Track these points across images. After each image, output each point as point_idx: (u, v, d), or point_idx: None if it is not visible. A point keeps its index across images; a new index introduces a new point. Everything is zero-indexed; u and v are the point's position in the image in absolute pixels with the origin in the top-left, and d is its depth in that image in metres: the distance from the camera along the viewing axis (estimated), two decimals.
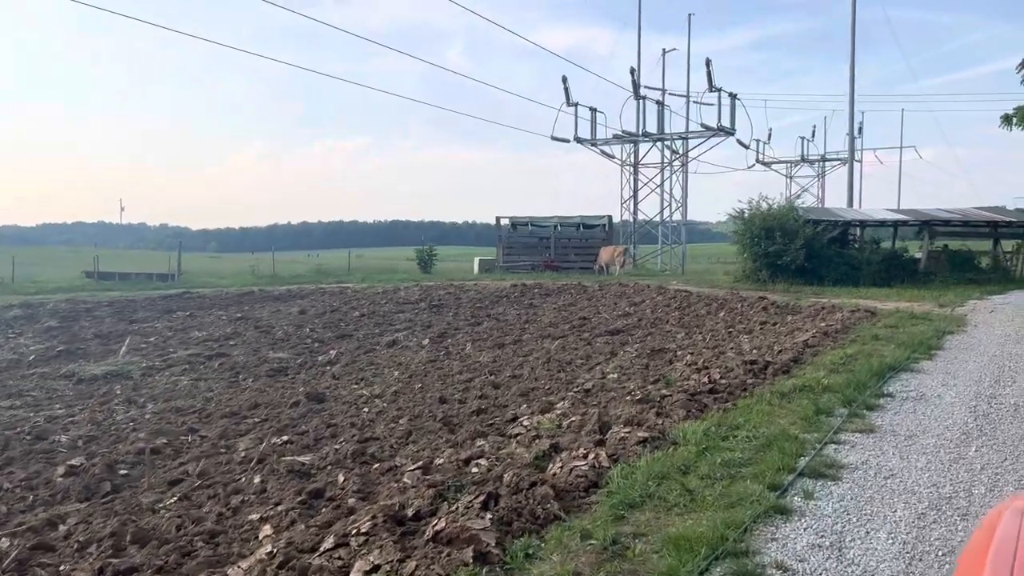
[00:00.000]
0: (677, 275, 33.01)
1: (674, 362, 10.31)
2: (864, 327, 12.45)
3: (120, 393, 8.59)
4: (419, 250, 31.93)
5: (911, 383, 8.26)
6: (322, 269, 31.62)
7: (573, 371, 9.76)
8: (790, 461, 5.50)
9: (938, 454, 5.77)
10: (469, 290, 21.94)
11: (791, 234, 21.79)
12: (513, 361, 10.49)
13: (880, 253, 22.83)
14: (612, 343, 12.00)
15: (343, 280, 27.43)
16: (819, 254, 22.02)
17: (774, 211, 22.75)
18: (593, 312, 16.27)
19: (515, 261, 32.30)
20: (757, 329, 12.91)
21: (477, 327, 13.97)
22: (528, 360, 10.54)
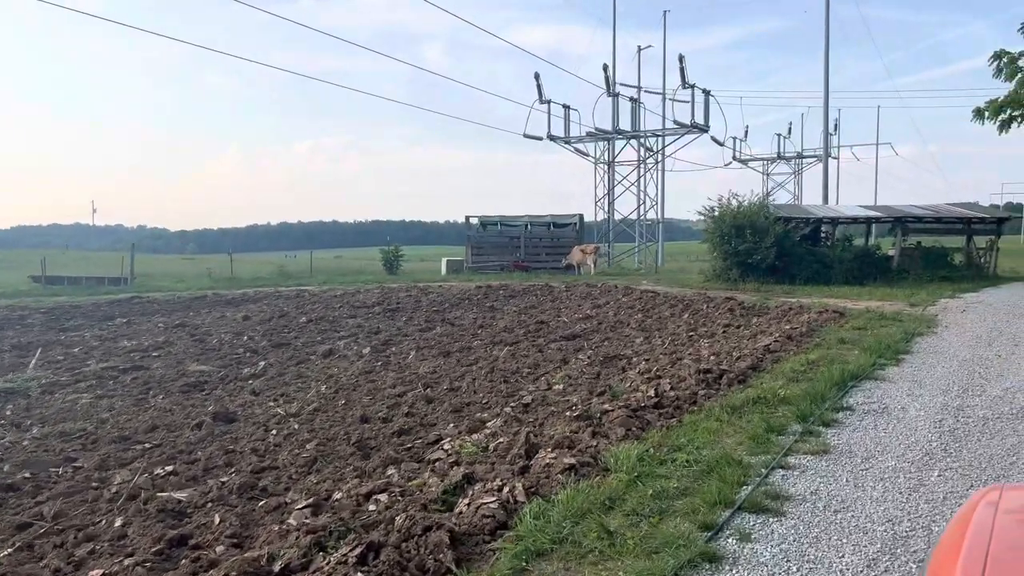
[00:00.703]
0: (650, 274, 32.53)
1: (627, 370, 9.69)
2: (831, 330, 11.94)
3: (10, 414, 7.77)
4: (384, 251, 31.09)
5: (874, 393, 7.67)
6: (284, 271, 30.67)
7: (517, 382, 9.09)
8: (730, 492, 4.85)
9: (897, 480, 5.15)
10: (432, 292, 21.26)
11: (762, 232, 21.33)
12: (455, 371, 9.80)
13: (852, 251, 22.47)
14: (565, 350, 11.37)
15: (303, 282, 26.59)
16: (790, 252, 21.61)
17: (744, 208, 22.26)
18: (553, 315, 15.64)
19: (484, 262, 31.59)
20: (720, 333, 12.35)
21: (427, 333, 13.28)
22: (472, 370, 9.86)
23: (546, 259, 32.05)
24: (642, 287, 22.59)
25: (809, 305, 15.65)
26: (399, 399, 8.27)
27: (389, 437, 6.78)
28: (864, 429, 6.40)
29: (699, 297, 17.33)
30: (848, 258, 21.74)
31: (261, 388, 8.93)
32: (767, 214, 22.00)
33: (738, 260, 21.72)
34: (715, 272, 22.98)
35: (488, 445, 6.37)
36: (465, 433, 6.76)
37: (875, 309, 14.97)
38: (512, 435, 6.58)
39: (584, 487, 4.96)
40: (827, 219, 23.96)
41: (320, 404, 8.00)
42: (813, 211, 24.50)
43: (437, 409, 7.76)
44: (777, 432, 6.23)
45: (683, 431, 6.38)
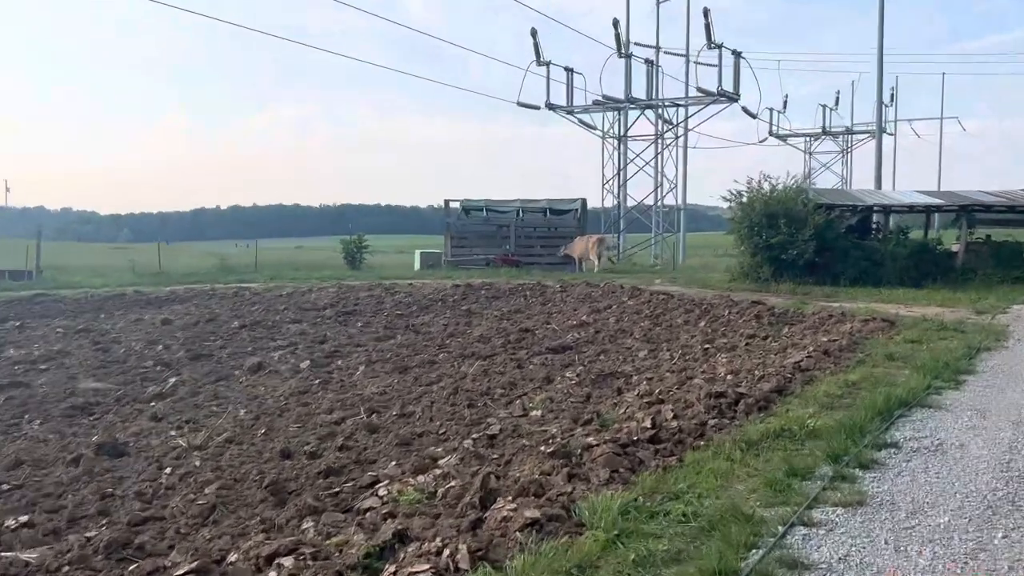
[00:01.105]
0: (667, 271, 32.22)
1: (624, 392, 9.33)
2: (877, 343, 11.62)
3: None
4: (345, 241, 30.65)
5: (926, 426, 7.31)
6: (226, 264, 30.25)
7: (486, 407, 8.72)
8: (734, 559, 4.48)
9: (950, 542, 4.77)
10: (399, 292, 20.89)
11: (798, 222, 20.99)
12: (411, 392, 9.41)
13: (908, 245, 22.18)
14: (551, 365, 11.01)
15: (247, 278, 26.18)
16: (833, 246, 21.31)
17: (778, 193, 21.92)
18: (542, 321, 15.28)
19: (466, 255, 31.19)
20: (742, 345, 12.00)
21: (384, 343, 12.90)
22: (431, 391, 9.48)
23: (541, 252, 31.68)
24: (654, 287, 22.22)
25: (853, 311, 15.31)
26: (335, 428, 7.87)
27: (313, 478, 6.38)
28: (911, 473, 6.02)
29: (721, 300, 16.98)
30: (903, 254, 21.45)
31: (165, 412, 8.53)
32: (805, 200, 21.68)
33: (770, 256, 21.40)
34: (742, 270, 22.68)
35: (436, 490, 5.99)
36: (410, 474, 6.37)
37: (933, 317, 14.66)
38: (470, 475, 6.20)
39: (547, 550, 4.58)
40: (878, 207, 23.66)
41: (234, 433, 7.60)
42: (861, 197, 24.19)
43: (380, 441, 7.37)
44: (801, 476, 5.86)
45: (683, 473, 6.01)
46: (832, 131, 57.08)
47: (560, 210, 32.72)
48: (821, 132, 57.08)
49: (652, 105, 39.98)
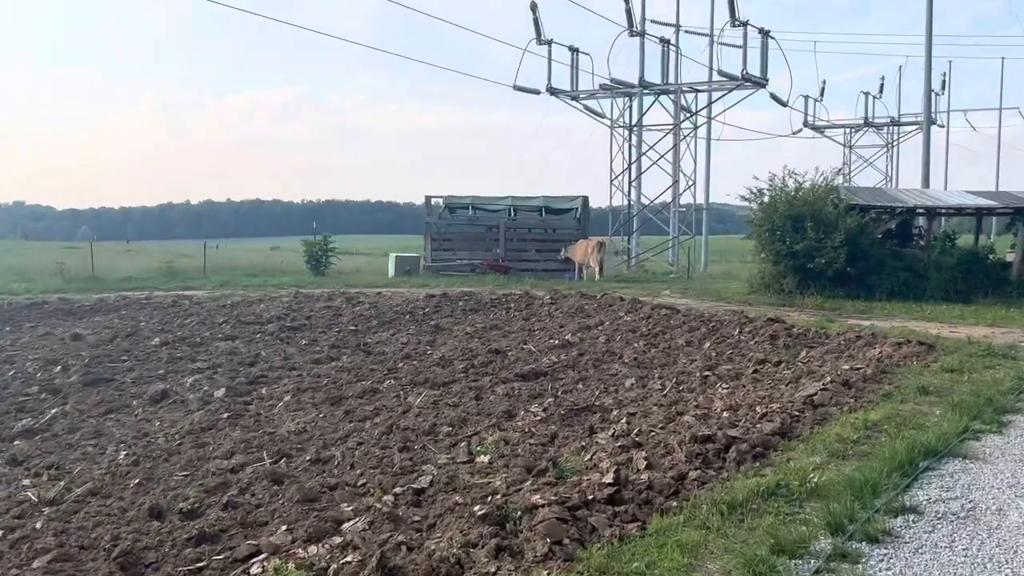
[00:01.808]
0: (681, 279, 31.58)
1: (596, 432, 8.68)
2: (910, 371, 10.99)
3: None
4: (309, 243, 30.04)
5: (957, 483, 6.61)
6: (172, 268, 29.67)
7: (424, 450, 8.07)
8: None
9: None
10: (362, 302, 20.30)
11: (828, 225, 20.47)
12: (337, 430, 8.76)
13: (955, 254, 21.56)
14: (516, 395, 10.37)
15: (194, 285, 25.61)
16: (867, 254, 20.81)
17: (804, 192, 21.33)
18: (519, 340, 14.64)
19: (448, 259, 30.59)
20: (748, 373, 11.36)
21: (325, 365, 12.28)
22: (363, 428, 8.83)
23: (536, 257, 31.08)
24: (659, 300, 21.62)
25: (886, 331, 14.71)
26: (229, 477, 7.20)
27: (181, 546, 5.71)
28: (932, 550, 5.33)
29: (733, 317, 16.34)
30: (949, 264, 20.82)
31: (28, 453, 7.87)
32: (836, 200, 21.13)
33: (794, 264, 20.88)
34: (763, 280, 22.14)
35: (328, 566, 5.31)
36: (302, 542, 5.70)
37: (980, 339, 14.05)
38: (376, 547, 5.53)
39: None
40: (921, 209, 22.99)
41: (101, 484, 6.93)
42: (901, 197, 23.50)
43: (281, 496, 6.70)
44: (790, 554, 5.17)
45: (643, 547, 5.35)
46: (875, 122, 56.27)
47: (558, 209, 32.11)
48: (863, 123, 56.28)
49: (668, 90, 39.37)
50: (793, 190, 21.52)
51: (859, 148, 58.61)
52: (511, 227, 31.31)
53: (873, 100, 55.03)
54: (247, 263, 35.70)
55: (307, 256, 29.82)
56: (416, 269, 29.74)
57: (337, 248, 31.05)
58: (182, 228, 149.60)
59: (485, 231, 31.29)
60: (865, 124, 56.43)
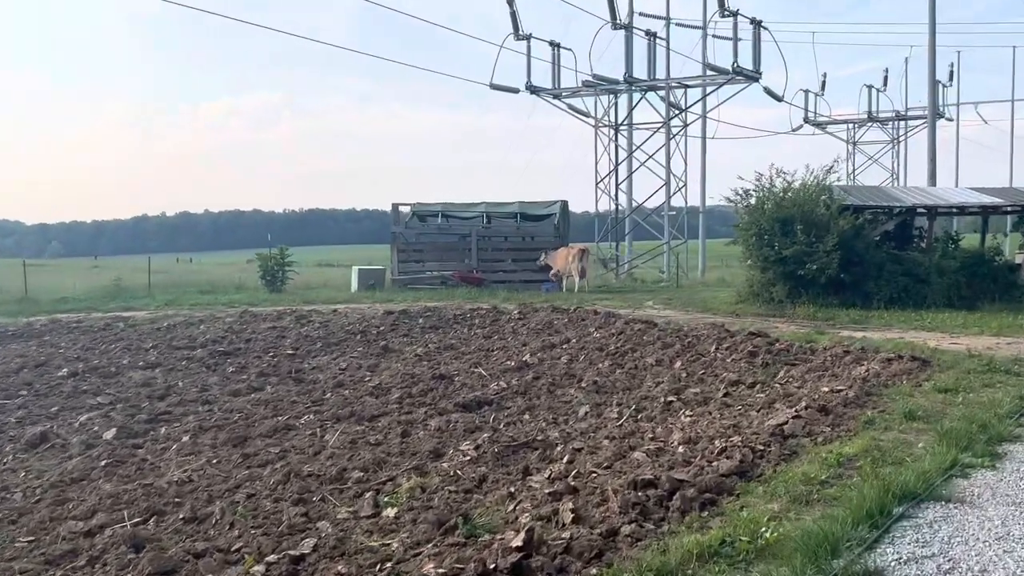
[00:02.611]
0: (667, 289, 30.90)
1: (531, 474, 7.92)
2: (899, 393, 10.31)
3: None
4: (263, 256, 29.26)
5: (936, 535, 5.86)
6: (120, 286, 28.90)
7: (323, 502, 7.33)
8: None
9: None
10: (312, 322, 19.58)
11: (819, 228, 19.93)
12: (229, 478, 8.00)
13: (959, 257, 21.02)
14: (451, 429, 9.64)
15: (137, 304, 24.83)
16: (863, 259, 20.29)
17: (794, 192, 20.71)
18: (472, 363, 13.95)
19: (417, 272, 29.87)
20: (718, 397, 10.66)
21: (242, 398, 11.55)
22: (262, 474, 8.06)
23: (512, 267, 30.38)
24: (639, 312, 20.95)
25: (878, 344, 14.10)
26: (82, 543, 6.41)
27: None
28: None
29: (713, 331, 15.66)
30: (952, 268, 20.27)
31: None
32: (828, 200, 20.51)
33: (784, 271, 20.33)
34: (751, 289, 21.61)
35: None
36: None
37: (983, 351, 13.46)
38: None
39: None
40: (921, 208, 22.31)
41: None
42: (900, 196, 22.97)
43: (132, 568, 5.91)
44: None
45: None
46: (880, 117, 55.59)
47: (536, 215, 31.48)
48: (867, 118, 55.58)
49: (655, 86, 38.79)
50: (781, 190, 20.98)
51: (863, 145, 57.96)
52: (485, 235, 30.66)
53: (877, 94, 54.32)
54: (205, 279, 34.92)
55: (262, 271, 29.04)
56: (381, 283, 29.04)
57: (296, 261, 30.26)
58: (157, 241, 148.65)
59: (457, 240, 30.61)
60: (869, 119, 55.72)
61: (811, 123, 53.84)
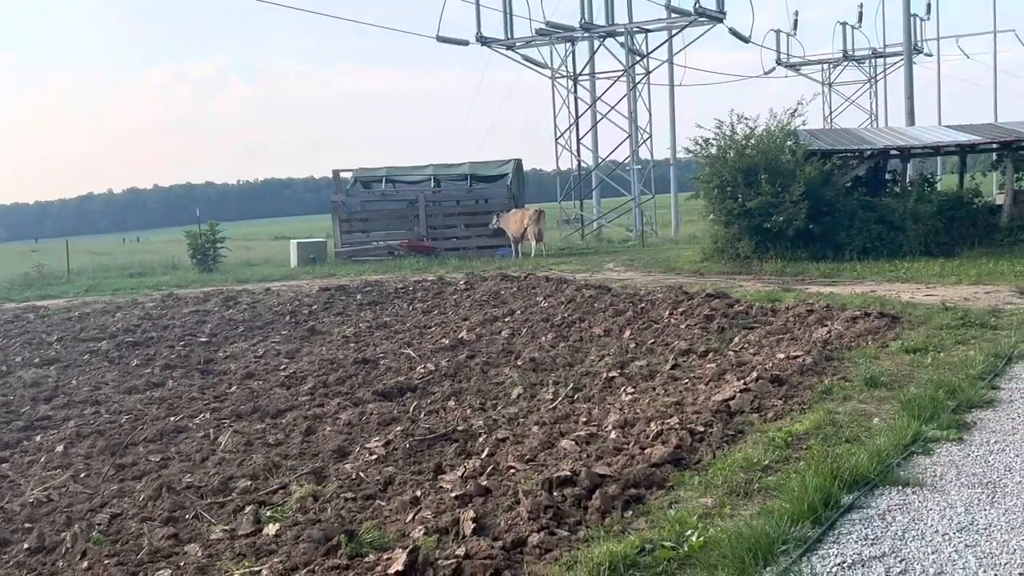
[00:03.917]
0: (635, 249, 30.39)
1: (446, 472, 7.33)
2: (862, 356, 9.82)
3: None
4: (192, 234, 28.36)
5: (889, 528, 5.32)
6: (43, 272, 27.92)
7: (196, 520, 6.68)
8: None
9: None
10: (240, 303, 18.87)
11: (785, 176, 19.48)
12: (96, 495, 7.35)
13: (935, 200, 20.66)
14: (363, 423, 9.06)
15: (55, 292, 23.94)
16: (833, 208, 19.90)
17: (757, 139, 20.13)
18: (403, 342, 13.42)
19: (362, 243, 29.14)
20: (666, 370, 10.12)
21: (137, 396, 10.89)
22: (134, 488, 7.42)
23: (466, 233, 29.74)
24: (597, 276, 20.43)
25: (846, 301, 13.59)
26: None
27: None
28: None
29: (670, 294, 15.09)
30: (928, 212, 19.87)
31: None
32: (794, 146, 19.94)
33: (749, 225, 19.89)
34: (715, 245, 21.22)
35: None
36: None
37: (959, 303, 13.06)
38: None
39: None
40: (894, 150, 21.83)
41: None
42: (870, 138, 22.53)
43: None
44: None
45: None
46: (856, 55, 54.90)
47: (487, 176, 30.81)
48: (842, 57, 54.86)
49: (614, 32, 37.98)
50: (744, 138, 20.41)
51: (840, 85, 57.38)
52: (434, 200, 29.93)
53: (852, 31, 53.59)
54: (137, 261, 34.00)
55: (191, 250, 28.17)
56: (323, 256, 28.29)
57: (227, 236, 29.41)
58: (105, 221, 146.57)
59: (404, 207, 29.91)
60: (844, 58, 54.94)
61: (784, 65, 53.17)
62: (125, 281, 26.40)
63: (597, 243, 35.20)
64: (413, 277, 22.41)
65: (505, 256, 27.55)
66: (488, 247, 28.78)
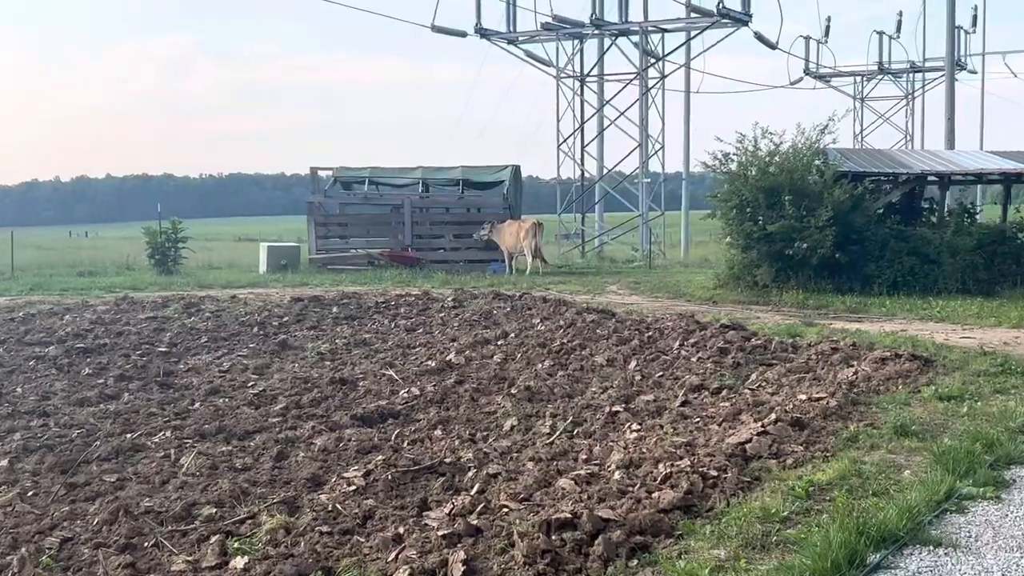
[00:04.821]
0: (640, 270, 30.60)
1: (430, 509, 7.44)
2: (891, 401, 9.96)
3: None
4: (151, 232, 28.45)
5: None
6: None
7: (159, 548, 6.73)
8: None
9: None
10: (203, 311, 18.95)
11: (812, 199, 19.80)
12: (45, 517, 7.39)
13: (975, 233, 20.88)
14: (340, 450, 9.18)
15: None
16: (863, 236, 20.30)
17: (782, 156, 20.42)
18: (384, 362, 13.59)
19: (340, 249, 29.35)
20: (675, 407, 10.31)
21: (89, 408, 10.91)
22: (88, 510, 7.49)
23: (455, 244, 29.96)
24: (600, 299, 20.64)
25: (875, 339, 13.87)
26: None
27: None
28: None
29: (680, 323, 15.30)
30: (967, 246, 20.18)
31: None
32: (823, 166, 20.28)
33: (770, 250, 20.22)
34: (731, 271, 21.53)
35: None
36: None
37: (998, 347, 13.28)
38: None
39: None
40: (932, 176, 22.15)
41: None
42: (907, 162, 22.76)
43: None
44: None
45: None
46: (892, 68, 55.26)
47: (481, 182, 31.06)
48: (877, 70, 55.19)
49: (628, 30, 38.35)
50: (767, 154, 20.72)
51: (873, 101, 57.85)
52: (421, 207, 30.21)
53: (889, 41, 53.94)
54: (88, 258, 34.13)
55: (150, 249, 28.28)
56: (296, 263, 28.41)
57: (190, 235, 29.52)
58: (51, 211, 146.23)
59: (388, 212, 30.14)
60: (880, 71, 55.23)
61: (812, 75, 53.58)
62: (74, 280, 26.42)
63: (599, 262, 35.44)
64: (395, 290, 22.60)
65: (497, 272, 27.74)
66: (478, 261, 28.97)
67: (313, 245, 29.63)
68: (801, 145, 20.88)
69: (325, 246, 29.51)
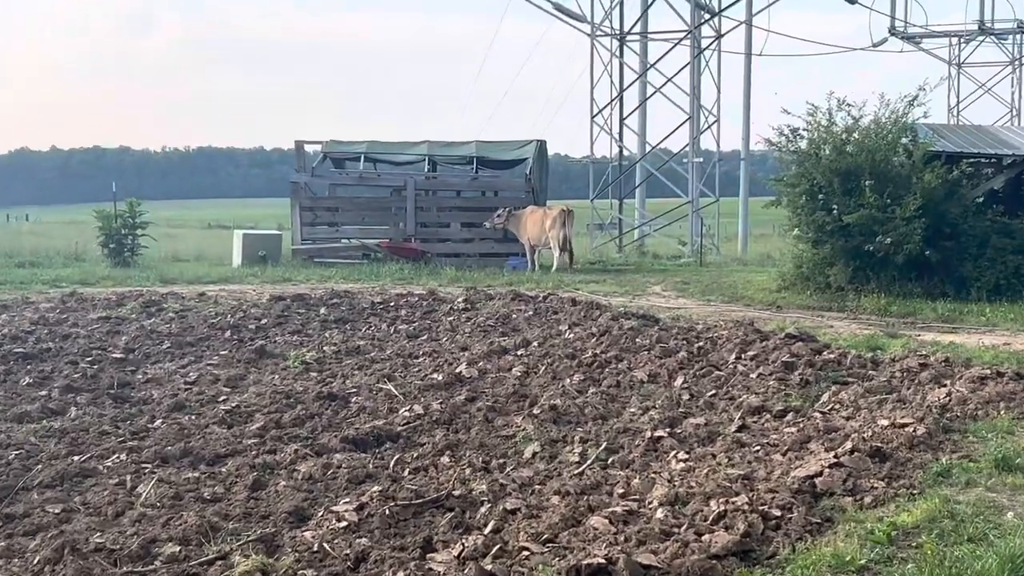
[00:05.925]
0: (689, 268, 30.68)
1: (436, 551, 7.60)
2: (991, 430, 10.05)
3: None
4: (104, 216, 28.85)
5: None
6: None
7: None
8: None
9: None
10: (165, 310, 19.30)
11: (897, 184, 19.99)
12: None
13: None
14: (328, 477, 9.34)
15: None
16: (959, 230, 20.45)
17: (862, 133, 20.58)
18: (382, 373, 13.78)
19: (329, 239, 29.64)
20: (730, 431, 10.47)
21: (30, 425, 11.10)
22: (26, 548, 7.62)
23: (466, 235, 30.21)
24: (639, 303, 20.78)
25: (973, 354, 14.03)
26: None
27: None
28: None
29: (738, 332, 15.48)
30: None
31: None
32: (911, 145, 20.46)
33: (846, 246, 20.54)
34: (799, 270, 21.81)
35: None
36: None
37: None
38: None
39: None
40: None
41: None
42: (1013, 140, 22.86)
43: None
44: None
45: None
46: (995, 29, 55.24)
47: (500, 160, 31.33)
48: (978, 30, 55.16)
49: None
50: (844, 130, 20.92)
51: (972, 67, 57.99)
52: (427, 189, 30.51)
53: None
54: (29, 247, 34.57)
55: (102, 236, 28.71)
56: (276, 254, 28.83)
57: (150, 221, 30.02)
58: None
59: (388, 195, 30.53)
60: (980, 31, 55.20)
61: (899, 36, 53.43)
62: (12, 272, 26.71)
63: (639, 258, 35.63)
64: (395, 289, 22.88)
65: (517, 268, 27.98)
66: (495, 255, 29.24)
67: (297, 233, 30.07)
68: (885, 120, 21.13)
69: (312, 235, 29.94)
